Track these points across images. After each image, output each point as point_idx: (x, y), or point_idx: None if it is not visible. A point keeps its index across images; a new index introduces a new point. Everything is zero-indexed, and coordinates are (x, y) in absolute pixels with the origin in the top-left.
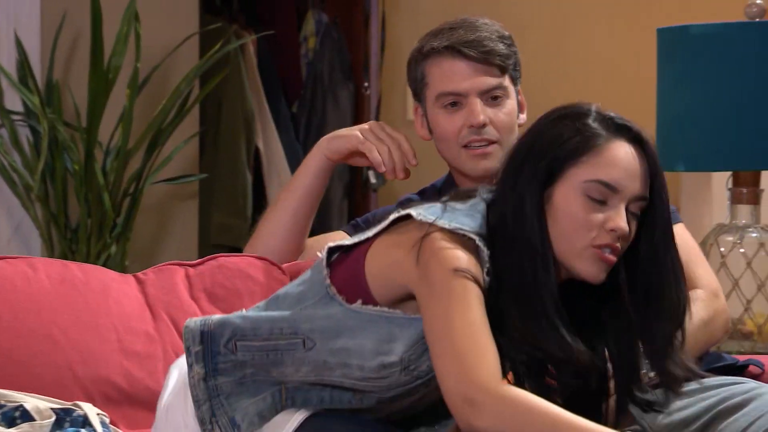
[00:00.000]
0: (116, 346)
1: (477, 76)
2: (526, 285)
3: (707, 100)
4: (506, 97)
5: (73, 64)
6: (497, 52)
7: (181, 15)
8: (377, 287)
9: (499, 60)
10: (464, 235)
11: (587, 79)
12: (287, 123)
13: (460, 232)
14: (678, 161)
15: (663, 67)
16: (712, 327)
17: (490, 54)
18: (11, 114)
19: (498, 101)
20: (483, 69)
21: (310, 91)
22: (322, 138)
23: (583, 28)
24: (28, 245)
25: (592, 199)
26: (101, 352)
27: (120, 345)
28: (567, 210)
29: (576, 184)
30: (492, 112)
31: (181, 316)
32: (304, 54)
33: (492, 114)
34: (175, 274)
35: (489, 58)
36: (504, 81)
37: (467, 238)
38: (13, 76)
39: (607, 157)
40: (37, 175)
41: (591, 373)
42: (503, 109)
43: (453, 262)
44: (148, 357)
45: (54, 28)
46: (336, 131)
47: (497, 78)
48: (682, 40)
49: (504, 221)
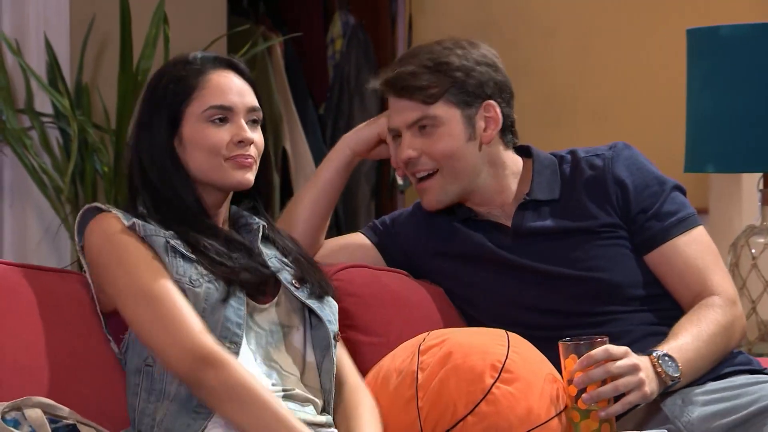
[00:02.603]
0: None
1: (402, 111)
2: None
3: (737, 100)
4: (438, 126)
5: (102, 67)
6: (417, 86)
7: (208, 17)
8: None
9: (420, 93)
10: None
11: (617, 80)
12: (314, 125)
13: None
14: (708, 162)
15: (692, 68)
16: (730, 332)
17: (405, 90)
18: (41, 116)
19: (427, 130)
20: (405, 104)
21: (337, 93)
22: (346, 133)
23: (612, 30)
24: (58, 247)
25: (214, 123)
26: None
27: None
28: (197, 141)
29: (196, 116)
30: (421, 142)
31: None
32: (331, 56)
33: (422, 144)
34: None
35: (404, 94)
36: (431, 110)
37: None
38: (43, 79)
39: (212, 86)
40: (67, 177)
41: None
42: (434, 137)
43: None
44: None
45: (83, 30)
46: (359, 125)
47: (420, 111)
48: (711, 41)
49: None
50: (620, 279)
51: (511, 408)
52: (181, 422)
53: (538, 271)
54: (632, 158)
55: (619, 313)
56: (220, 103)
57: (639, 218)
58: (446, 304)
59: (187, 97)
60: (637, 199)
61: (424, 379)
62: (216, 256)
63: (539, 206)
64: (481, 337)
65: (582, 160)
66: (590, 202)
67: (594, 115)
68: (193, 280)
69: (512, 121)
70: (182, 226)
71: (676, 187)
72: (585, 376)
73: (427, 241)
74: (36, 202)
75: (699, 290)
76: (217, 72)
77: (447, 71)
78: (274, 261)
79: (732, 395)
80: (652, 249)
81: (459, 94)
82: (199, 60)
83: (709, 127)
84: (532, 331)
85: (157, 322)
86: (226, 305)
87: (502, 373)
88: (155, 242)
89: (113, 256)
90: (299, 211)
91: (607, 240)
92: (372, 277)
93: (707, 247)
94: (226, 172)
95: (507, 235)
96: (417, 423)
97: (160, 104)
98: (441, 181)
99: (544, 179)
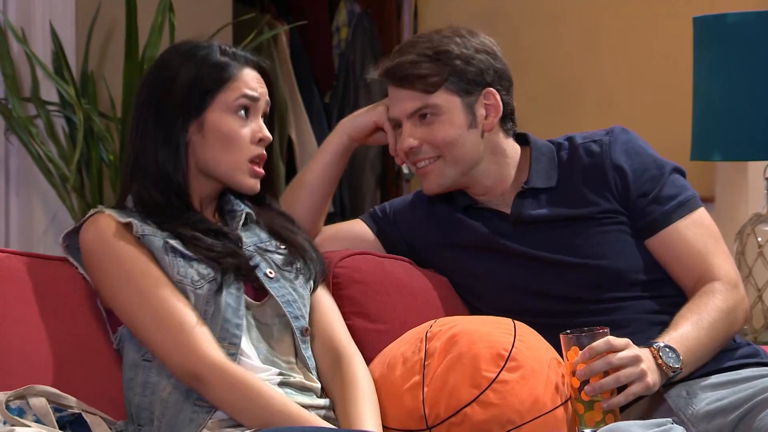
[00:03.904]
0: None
1: (402, 101)
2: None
3: (743, 88)
4: (439, 114)
5: (107, 55)
6: (417, 74)
7: (214, 5)
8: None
9: (420, 82)
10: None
11: (623, 68)
12: (319, 113)
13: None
14: (714, 151)
15: (699, 56)
16: (732, 317)
17: (405, 79)
18: (47, 104)
19: (427, 119)
20: (406, 93)
21: (342, 82)
22: (344, 118)
23: (618, 17)
24: None
25: (239, 115)
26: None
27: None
28: (221, 130)
29: (227, 105)
30: (422, 131)
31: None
32: (336, 45)
33: (423, 133)
34: None
35: (404, 83)
36: (431, 99)
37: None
38: (49, 67)
39: (248, 78)
40: (72, 165)
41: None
42: (435, 125)
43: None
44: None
45: (89, 19)
46: (357, 110)
47: (420, 100)
48: (718, 29)
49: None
50: (621, 265)
51: (516, 396)
52: (183, 416)
53: (539, 258)
54: (630, 142)
55: (621, 299)
56: (252, 95)
57: (639, 203)
58: (450, 292)
59: (224, 84)
60: (636, 183)
61: (429, 366)
62: (203, 245)
63: (537, 194)
64: (488, 325)
65: (579, 147)
66: (589, 188)
67: (600, 102)
68: (195, 281)
69: (512, 109)
70: (168, 217)
71: (676, 169)
72: (587, 368)
73: (427, 230)
74: (42, 190)
75: (700, 274)
76: (248, 70)
77: (447, 60)
78: (251, 249)
79: (737, 389)
80: (653, 234)
81: (459, 83)
82: (232, 53)
83: (716, 115)
84: (534, 318)
85: (157, 333)
86: (227, 305)
87: (508, 361)
88: (152, 243)
89: (111, 260)
90: (297, 195)
91: (607, 226)
92: (377, 265)
93: (708, 230)
94: (242, 175)
95: (507, 223)
96: (421, 408)
97: (180, 85)
98: (442, 166)
99: (541, 167)
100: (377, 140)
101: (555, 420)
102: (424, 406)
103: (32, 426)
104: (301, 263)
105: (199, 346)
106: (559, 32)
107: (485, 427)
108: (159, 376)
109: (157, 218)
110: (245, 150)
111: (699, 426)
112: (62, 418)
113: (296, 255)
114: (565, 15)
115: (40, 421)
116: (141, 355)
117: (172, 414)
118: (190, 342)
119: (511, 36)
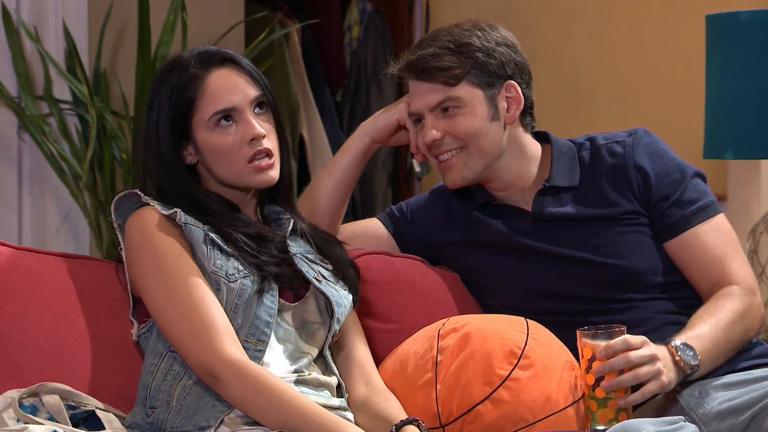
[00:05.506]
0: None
1: (424, 94)
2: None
3: (756, 86)
4: (461, 106)
5: (120, 53)
6: (439, 67)
7: (226, 4)
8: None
9: (443, 75)
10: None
11: (635, 66)
12: (331, 112)
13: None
14: (726, 149)
15: (711, 54)
16: (748, 322)
17: (427, 72)
18: (60, 103)
19: (450, 112)
20: (428, 87)
21: (354, 80)
22: (363, 122)
23: (631, 15)
24: (76, 234)
25: (221, 126)
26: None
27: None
28: (213, 148)
29: (204, 124)
30: (445, 123)
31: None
32: (348, 43)
33: (445, 125)
34: None
35: (426, 76)
36: (454, 92)
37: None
38: (62, 66)
39: (212, 91)
40: (85, 163)
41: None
42: (457, 117)
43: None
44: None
45: (101, 17)
46: (378, 111)
47: (443, 92)
48: (730, 27)
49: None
50: (640, 266)
51: (529, 394)
52: (204, 402)
53: (558, 256)
54: (653, 145)
55: (638, 300)
56: (223, 107)
57: (660, 205)
58: (462, 291)
59: (189, 109)
60: (658, 186)
61: (442, 364)
62: (248, 248)
63: (558, 192)
64: (501, 323)
65: (602, 147)
66: (612, 189)
67: (612, 101)
68: (229, 274)
69: (531, 103)
70: (215, 218)
71: (697, 174)
72: (605, 365)
73: (444, 229)
74: (54, 188)
75: (718, 278)
76: (215, 73)
77: (468, 52)
78: (299, 257)
79: (749, 389)
80: (673, 237)
81: (481, 75)
82: (194, 62)
83: (728, 113)
84: (551, 317)
85: (179, 326)
86: (259, 303)
87: (520, 359)
88: (193, 232)
89: (148, 251)
90: (316, 198)
91: (627, 227)
92: (388, 264)
93: (727, 235)
94: (249, 177)
95: (527, 220)
96: (434, 406)
97: (163, 115)
98: (465, 158)
99: (563, 165)
100: (399, 140)
101: (567, 418)
102: (438, 404)
103: (45, 423)
104: (344, 279)
105: (218, 342)
106: (571, 30)
107: (498, 425)
108: (183, 367)
109: (204, 216)
110: (240, 155)
111: (710, 425)
112: (75, 416)
113: (340, 272)
114: (578, 13)
115: (53, 419)
116: (168, 346)
117: (194, 398)
118: (208, 338)
119: (524, 34)
